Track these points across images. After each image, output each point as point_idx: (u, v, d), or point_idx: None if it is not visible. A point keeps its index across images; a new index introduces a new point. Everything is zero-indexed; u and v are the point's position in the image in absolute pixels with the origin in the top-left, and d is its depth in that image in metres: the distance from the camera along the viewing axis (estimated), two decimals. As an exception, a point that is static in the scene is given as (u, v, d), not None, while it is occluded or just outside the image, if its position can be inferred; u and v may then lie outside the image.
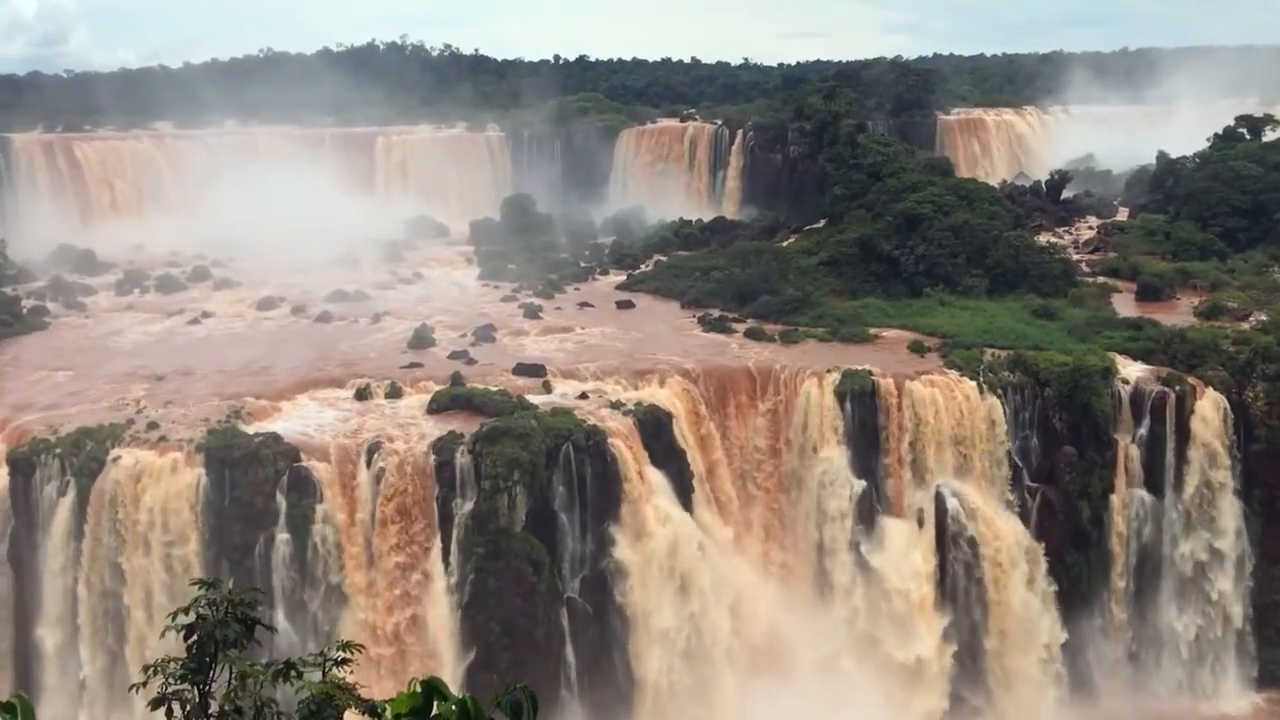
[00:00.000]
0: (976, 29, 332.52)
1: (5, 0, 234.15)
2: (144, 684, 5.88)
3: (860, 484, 50.06)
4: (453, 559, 43.58)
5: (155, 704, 5.78)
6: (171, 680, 5.87)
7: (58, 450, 43.18)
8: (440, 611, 43.23)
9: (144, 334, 61.09)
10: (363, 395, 49.09)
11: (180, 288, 72.28)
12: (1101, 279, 69.93)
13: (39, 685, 42.38)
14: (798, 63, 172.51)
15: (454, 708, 4.49)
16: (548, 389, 50.16)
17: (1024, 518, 50.87)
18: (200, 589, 6.19)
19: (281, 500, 42.67)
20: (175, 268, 76.97)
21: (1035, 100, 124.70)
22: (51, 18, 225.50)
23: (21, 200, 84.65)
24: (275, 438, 43.93)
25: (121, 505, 42.03)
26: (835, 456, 50.21)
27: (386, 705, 4.98)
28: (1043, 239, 77.66)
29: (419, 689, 4.62)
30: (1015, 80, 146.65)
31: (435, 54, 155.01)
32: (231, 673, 5.99)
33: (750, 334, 58.45)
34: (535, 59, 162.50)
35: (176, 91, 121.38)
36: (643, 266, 78.24)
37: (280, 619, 41.34)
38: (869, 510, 50.10)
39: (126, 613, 41.89)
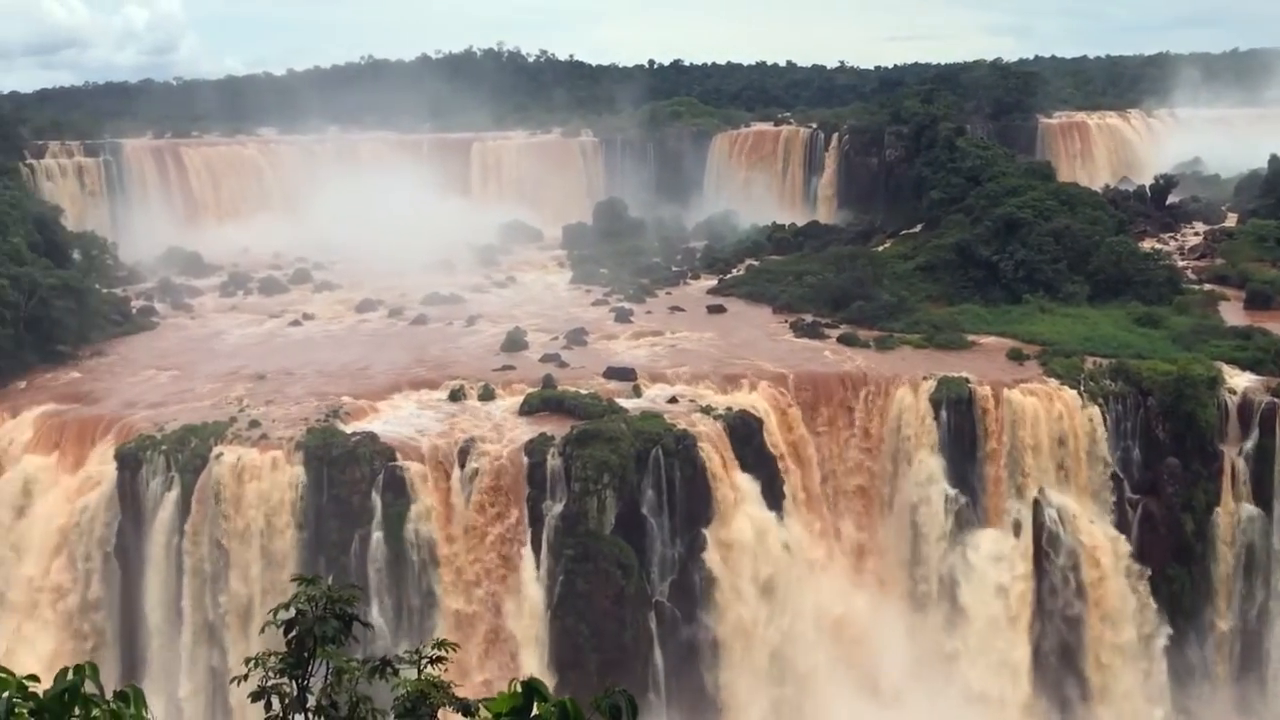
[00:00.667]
0: (1082, 31, 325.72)
1: (118, 11, 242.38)
2: (245, 677, 6.02)
3: (955, 493, 49.26)
4: (542, 560, 43.88)
5: (255, 697, 5.90)
6: (271, 674, 5.98)
7: (163, 447, 44.45)
8: (530, 612, 43.55)
9: (247, 334, 62.66)
10: (456, 396, 49.70)
11: (282, 290, 74.02)
12: (1208, 286, 67.87)
13: (143, 676, 43.63)
14: (895, 65, 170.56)
15: (553, 709, 4.50)
16: (638, 393, 50.26)
17: (1124, 530, 49.56)
18: (300, 585, 6.31)
19: (377, 499, 43.39)
20: (278, 270, 78.83)
21: (1140, 103, 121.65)
22: (162, 27, 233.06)
23: (133, 204, 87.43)
24: (372, 437, 44.70)
25: (223, 501, 43.12)
26: (930, 465, 49.46)
27: (480, 704, 5.01)
28: (1147, 245, 75.69)
29: (519, 689, 4.64)
30: (1119, 82, 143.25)
31: (531, 60, 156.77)
32: (329, 668, 6.08)
33: (844, 340, 57.89)
34: (630, 64, 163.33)
35: (280, 98, 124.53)
36: (734, 271, 77.98)
37: (375, 616, 42.01)
38: (964, 520, 49.27)
39: (227, 605, 42.95)
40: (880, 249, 77.57)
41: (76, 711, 4.11)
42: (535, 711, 4.61)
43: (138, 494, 44.27)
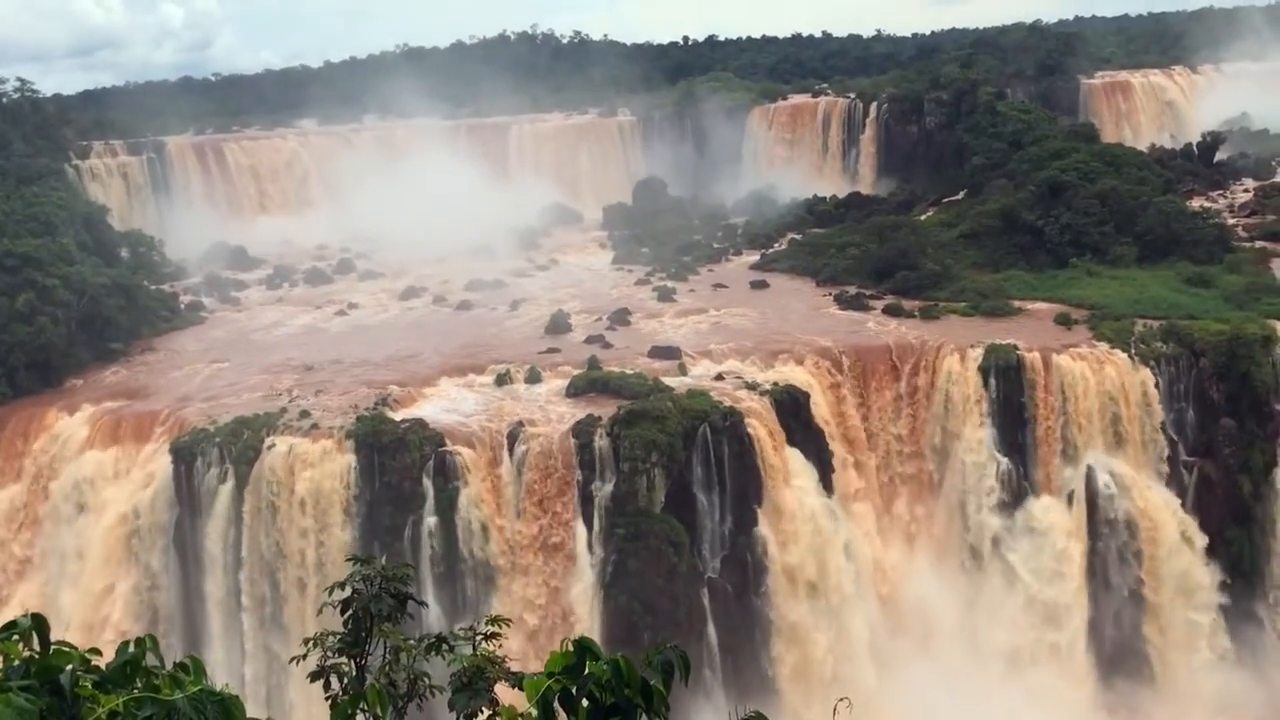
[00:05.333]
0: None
1: (154, 9, 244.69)
2: (303, 657, 6.10)
3: (1006, 462, 48.87)
4: (594, 540, 44.07)
5: (314, 676, 5.98)
6: (330, 654, 6.06)
7: (217, 439, 45.06)
8: (583, 592, 43.77)
9: (294, 326, 63.29)
10: (503, 381, 49.93)
11: (327, 280, 74.64)
12: (1259, 243, 66.64)
13: (205, 663, 44.29)
14: (932, 32, 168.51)
15: (606, 667, 4.52)
16: (683, 371, 50.24)
17: (1180, 493, 48.98)
18: (354, 565, 6.38)
19: (428, 484, 43.74)
20: (322, 261, 79.47)
21: (1184, 60, 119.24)
22: (198, 24, 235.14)
23: (177, 201, 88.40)
24: (421, 423, 45.04)
25: (277, 491, 43.66)
26: (980, 434, 49.11)
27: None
28: (1195, 204, 74.36)
29: (571, 648, 4.67)
30: (1162, 40, 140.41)
31: (565, 41, 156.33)
32: (386, 647, 6.15)
33: (889, 310, 57.52)
34: (664, 41, 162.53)
35: (318, 90, 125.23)
36: (776, 245, 77.56)
37: (430, 601, 42.38)
38: (1016, 489, 48.88)
39: (284, 592, 43.55)
40: (923, 218, 76.87)
41: (139, 682, 4.20)
42: (588, 670, 4.63)
43: (193, 486, 44.93)
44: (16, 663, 4.29)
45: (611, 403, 46.52)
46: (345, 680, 6.02)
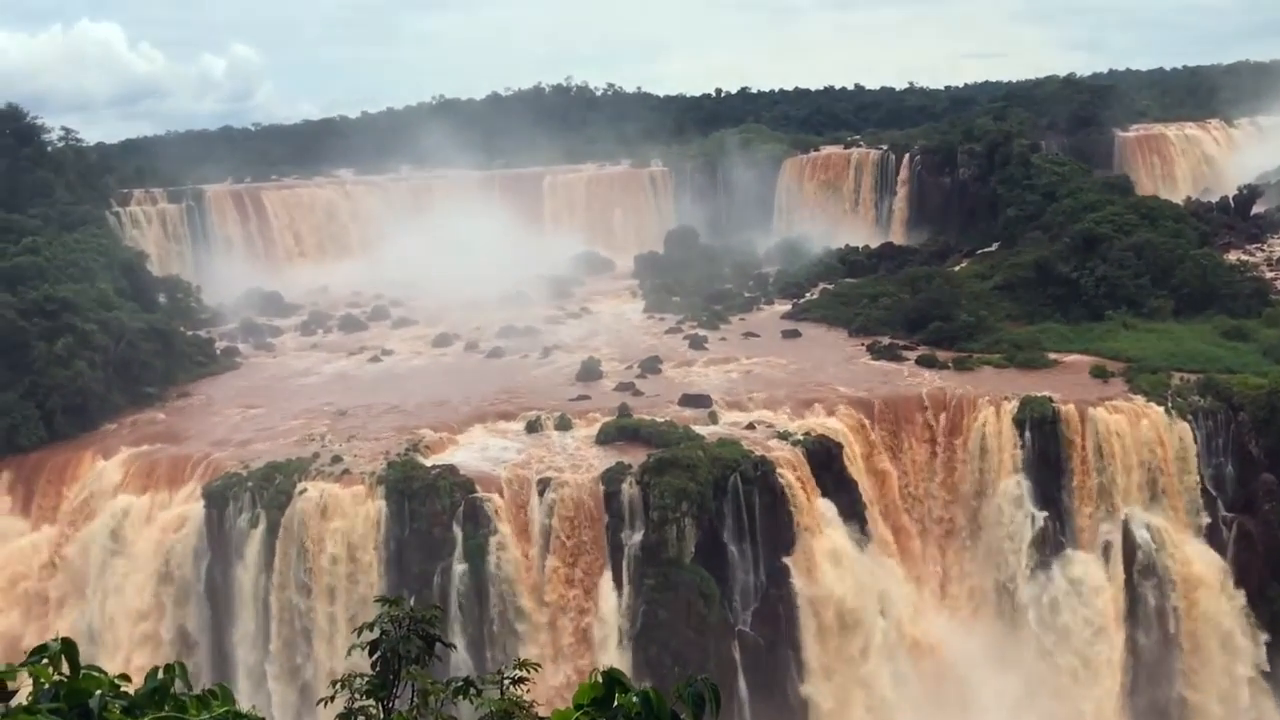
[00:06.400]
0: (1157, 43, 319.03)
1: (195, 60, 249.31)
2: (331, 698, 6.04)
3: (1042, 515, 48.24)
4: (623, 589, 43.73)
5: (342, 718, 5.91)
6: (358, 695, 5.99)
7: (249, 484, 45.22)
8: (612, 642, 43.38)
9: (328, 372, 63.68)
10: (533, 428, 49.93)
11: (361, 327, 75.19)
12: (1299, 297, 65.97)
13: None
14: (965, 85, 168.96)
15: (635, 699, 4.43)
16: (714, 419, 50.06)
17: (1219, 549, 48.13)
18: (383, 606, 6.33)
19: (458, 531, 43.64)
20: (356, 308, 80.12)
21: (1220, 113, 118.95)
22: (240, 75, 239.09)
23: (215, 248, 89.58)
24: (451, 470, 45.04)
25: (308, 536, 43.70)
26: (1015, 487, 48.55)
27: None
28: (1232, 257, 73.87)
29: (600, 679, 4.59)
30: (1198, 93, 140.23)
31: (599, 93, 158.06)
32: (413, 690, 6.08)
33: (922, 361, 57.20)
34: (697, 93, 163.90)
35: (355, 140, 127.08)
36: (808, 295, 77.52)
37: (458, 647, 42.12)
38: (1052, 543, 48.21)
39: (313, 636, 43.44)
40: (956, 269, 76.68)
41: (166, 708, 4.17)
42: (617, 702, 4.54)
43: (225, 531, 45.05)
44: (46, 686, 4.31)
45: (642, 451, 46.38)
46: (372, 723, 5.95)
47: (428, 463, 45.93)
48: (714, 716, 4.72)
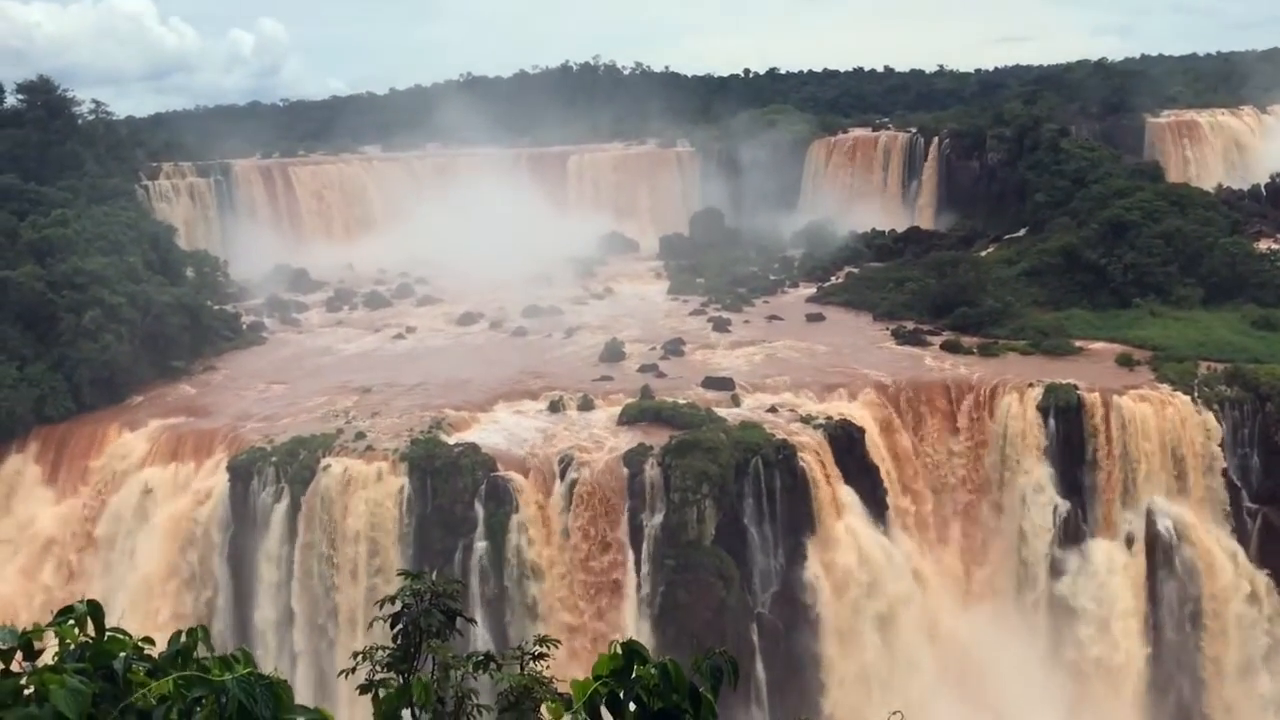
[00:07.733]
0: (1190, 28, 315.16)
1: (225, 35, 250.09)
2: (352, 670, 6.09)
3: (1065, 503, 48.07)
4: (643, 570, 43.87)
5: (363, 690, 5.95)
6: (379, 668, 6.04)
7: (273, 459, 45.54)
8: (631, 623, 43.55)
9: (352, 348, 63.97)
10: (556, 407, 50.06)
11: (386, 304, 75.45)
12: (1330, 287, 65.29)
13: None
14: (995, 68, 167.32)
15: (654, 671, 4.47)
16: (736, 402, 50.05)
17: (1243, 541, 47.86)
18: (405, 580, 6.37)
19: (480, 509, 43.87)
20: (381, 285, 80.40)
21: (1253, 100, 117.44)
22: (268, 50, 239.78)
23: (242, 222, 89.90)
24: (474, 448, 45.23)
25: (331, 511, 44.00)
26: (1037, 474, 48.37)
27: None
28: (1263, 246, 73.06)
29: (619, 650, 4.63)
30: (1231, 79, 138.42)
31: (626, 73, 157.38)
32: (434, 663, 6.12)
33: (947, 347, 56.99)
34: (725, 73, 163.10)
35: (382, 116, 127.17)
36: (833, 279, 77.29)
37: (478, 624, 42.38)
38: (1074, 531, 48.04)
39: (335, 610, 43.79)
40: (983, 254, 76.23)
41: (190, 670, 4.26)
42: (635, 673, 4.57)
43: (249, 505, 45.41)
44: (72, 647, 4.40)
45: (663, 432, 46.44)
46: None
47: (451, 440, 46.13)
48: (733, 688, 4.75)
